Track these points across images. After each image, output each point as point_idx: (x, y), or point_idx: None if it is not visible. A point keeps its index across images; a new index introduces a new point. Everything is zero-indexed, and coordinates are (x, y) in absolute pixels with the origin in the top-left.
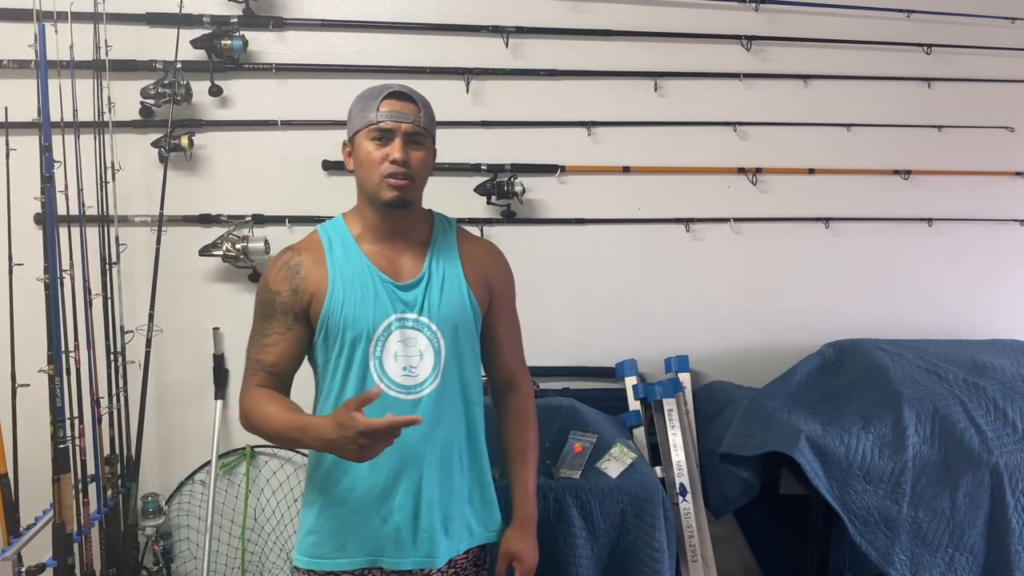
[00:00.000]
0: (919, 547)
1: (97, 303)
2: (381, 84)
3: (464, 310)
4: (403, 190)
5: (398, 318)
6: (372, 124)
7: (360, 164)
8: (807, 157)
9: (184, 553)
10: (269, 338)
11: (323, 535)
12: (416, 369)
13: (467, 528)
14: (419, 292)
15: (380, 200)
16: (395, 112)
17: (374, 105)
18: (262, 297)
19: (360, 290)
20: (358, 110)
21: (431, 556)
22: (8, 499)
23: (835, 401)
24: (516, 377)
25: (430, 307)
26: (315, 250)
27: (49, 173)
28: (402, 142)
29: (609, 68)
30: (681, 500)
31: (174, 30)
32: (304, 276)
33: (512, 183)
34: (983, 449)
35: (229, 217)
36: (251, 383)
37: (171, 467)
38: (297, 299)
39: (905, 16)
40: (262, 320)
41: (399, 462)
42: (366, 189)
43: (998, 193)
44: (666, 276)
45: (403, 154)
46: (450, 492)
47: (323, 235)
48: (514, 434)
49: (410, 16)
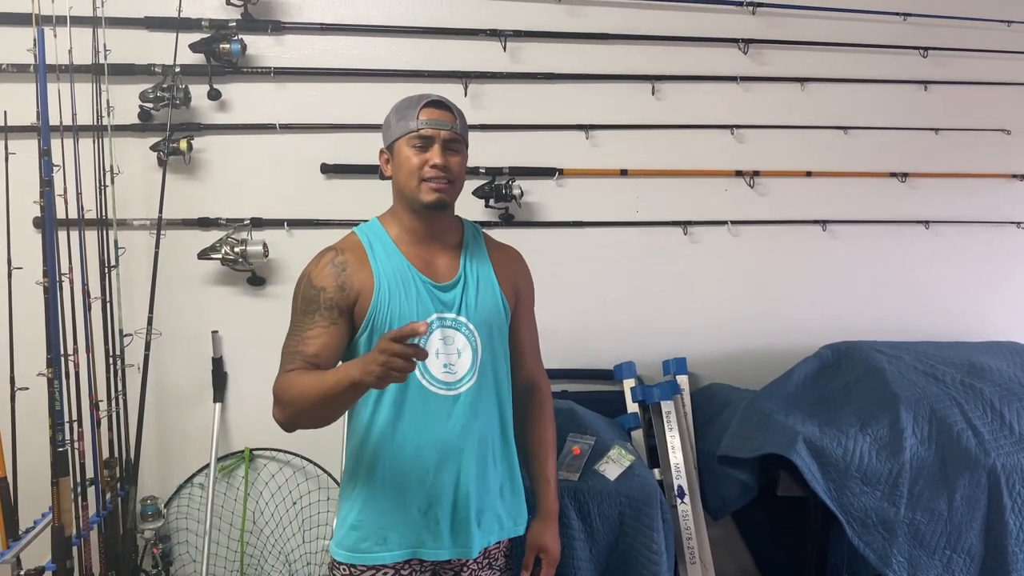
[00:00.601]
0: (917, 549)
1: (96, 306)
2: (419, 94)
3: (498, 311)
4: (444, 192)
5: (438, 317)
6: (413, 132)
7: (400, 170)
8: (804, 160)
9: (183, 556)
10: (311, 331)
11: (366, 529)
12: (455, 366)
13: (498, 521)
14: (457, 293)
15: (421, 203)
16: (434, 120)
17: (413, 114)
18: (306, 294)
19: (403, 289)
20: (396, 119)
21: (467, 547)
22: (7, 502)
23: (832, 403)
24: (536, 378)
25: (467, 307)
26: (357, 250)
27: (48, 177)
28: (441, 148)
29: (607, 71)
30: (679, 502)
31: (173, 34)
32: (350, 274)
33: (510, 186)
34: (980, 451)
35: (228, 220)
36: (286, 371)
37: (170, 470)
38: (343, 296)
39: (902, 19)
40: (303, 315)
41: (439, 455)
42: (406, 193)
43: (995, 195)
44: (664, 279)
45: (443, 159)
46: (485, 486)
47: (362, 237)
48: (536, 432)
49: (408, 20)
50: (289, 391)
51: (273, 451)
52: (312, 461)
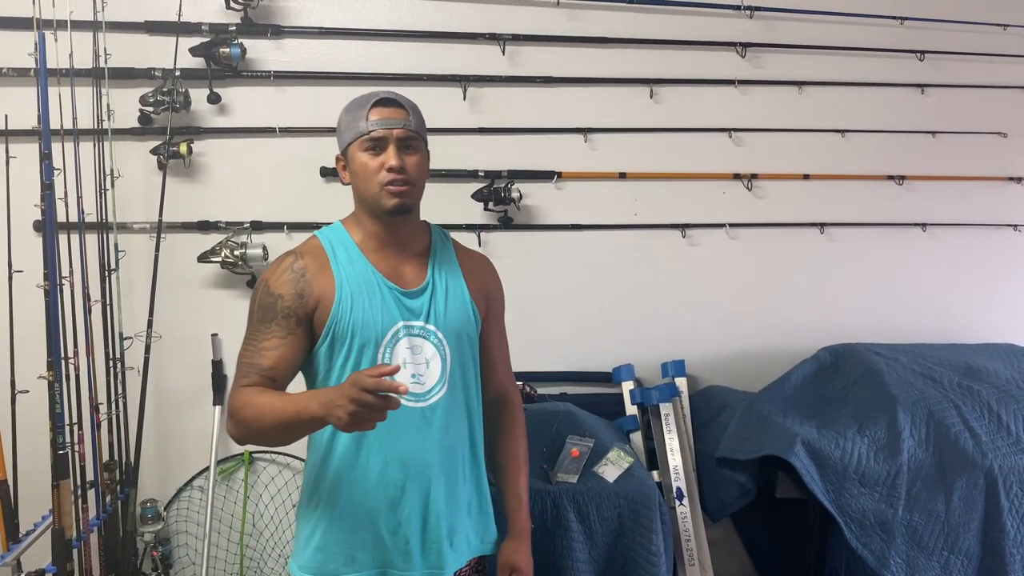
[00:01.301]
0: (915, 550)
1: (96, 310)
2: (367, 93)
3: (468, 319)
4: (404, 196)
5: (405, 325)
6: (364, 134)
7: (356, 176)
8: (802, 163)
9: (183, 559)
10: (268, 342)
11: (333, 550)
12: (424, 377)
13: (467, 540)
14: (424, 300)
15: (382, 209)
16: (385, 120)
17: (363, 115)
18: (262, 301)
19: (367, 296)
20: (347, 122)
21: (439, 567)
22: (7, 505)
23: (830, 405)
24: (507, 390)
25: (436, 315)
26: (318, 255)
27: (49, 180)
28: (396, 148)
29: (605, 75)
30: (678, 504)
31: (173, 38)
32: (310, 280)
33: (509, 189)
34: (977, 452)
35: (227, 224)
36: (240, 386)
37: (170, 473)
38: (302, 303)
39: (899, 23)
40: (259, 324)
41: (408, 470)
42: (366, 200)
43: (992, 198)
44: (662, 281)
45: (399, 160)
46: (455, 503)
47: (324, 241)
48: (507, 446)
49: (407, 24)
50: (245, 410)
51: (273, 454)
52: None
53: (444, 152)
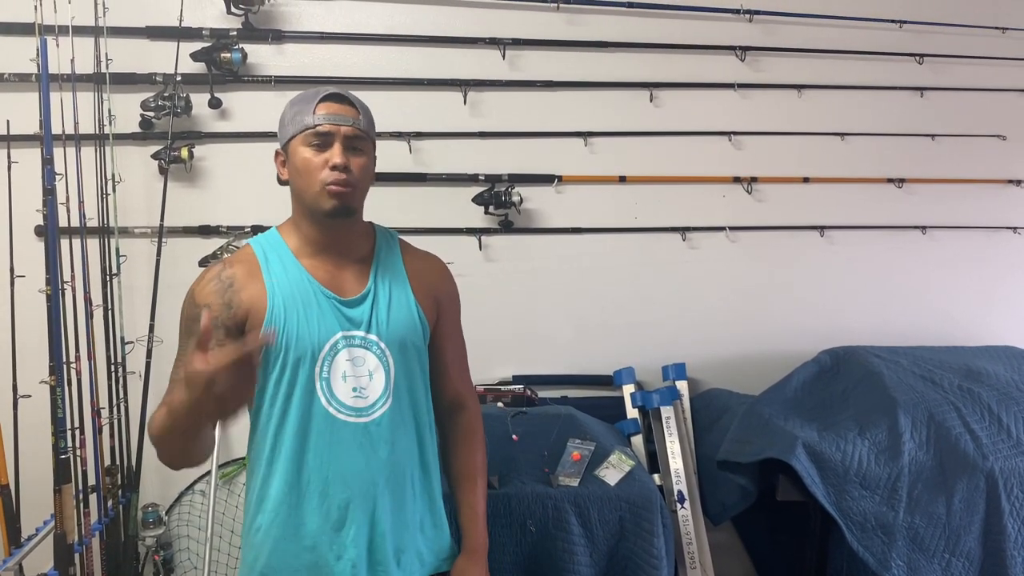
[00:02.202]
0: (916, 552)
1: (98, 314)
2: (315, 88)
3: (413, 327)
4: (344, 198)
5: (344, 336)
6: (309, 128)
7: (297, 172)
8: (802, 166)
9: (184, 563)
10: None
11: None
12: (366, 390)
13: (419, 558)
14: (365, 308)
15: (321, 210)
16: (333, 115)
17: (310, 108)
18: (188, 313)
19: (302, 306)
20: (292, 115)
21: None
22: (9, 509)
23: (831, 408)
24: (463, 397)
25: (378, 324)
26: (249, 263)
27: (51, 185)
28: (342, 147)
29: (605, 79)
30: (679, 507)
31: (174, 43)
32: (237, 290)
33: (510, 193)
34: (978, 455)
35: (229, 228)
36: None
37: (171, 477)
38: (230, 314)
39: (898, 26)
40: (185, 338)
41: (350, 490)
42: (305, 199)
43: (991, 201)
44: (663, 284)
45: (344, 159)
46: (403, 520)
47: (256, 248)
48: (462, 457)
49: (408, 28)
50: (150, 426)
51: None
52: None
53: (445, 156)
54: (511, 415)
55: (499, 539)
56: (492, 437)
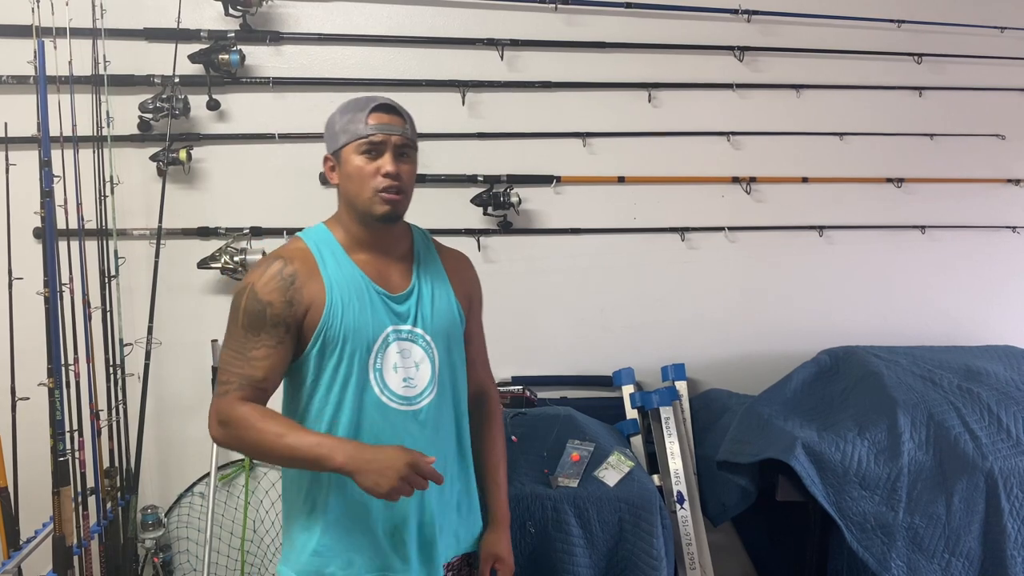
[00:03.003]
0: (916, 553)
1: (96, 316)
2: (364, 97)
3: (454, 321)
4: (397, 204)
5: (394, 329)
6: (362, 137)
7: (349, 178)
8: (800, 166)
9: (184, 565)
10: (257, 351)
11: (331, 555)
12: (414, 380)
13: (455, 538)
14: (412, 303)
15: (373, 215)
16: (384, 125)
17: (362, 118)
18: (250, 308)
19: (357, 301)
20: (344, 123)
21: (433, 566)
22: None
23: (830, 408)
24: (486, 387)
25: (423, 318)
26: (307, 259)
27: (49, 188)
28: (392, 155)
29: (603, 80)
30: (679, 508)
31: (172, 45)
32: (299, 287)
33: (508, 194)
34: (978, 454)
35: (227, 230)
36: (234, 398)
37: (170, 479)
38: (292, 311)
39: (896, 26)
40: (247, 332)
41: None
42: (357, 204)
43: (990, 200)
44: (662, 285)
45: (395, 167)
46: (444, 502)
47: (310, 244)
48: (486, 440)
49: (406, 29)
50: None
51: None
52: None
53: (443, 157)
54: (510, 416)
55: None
56: None
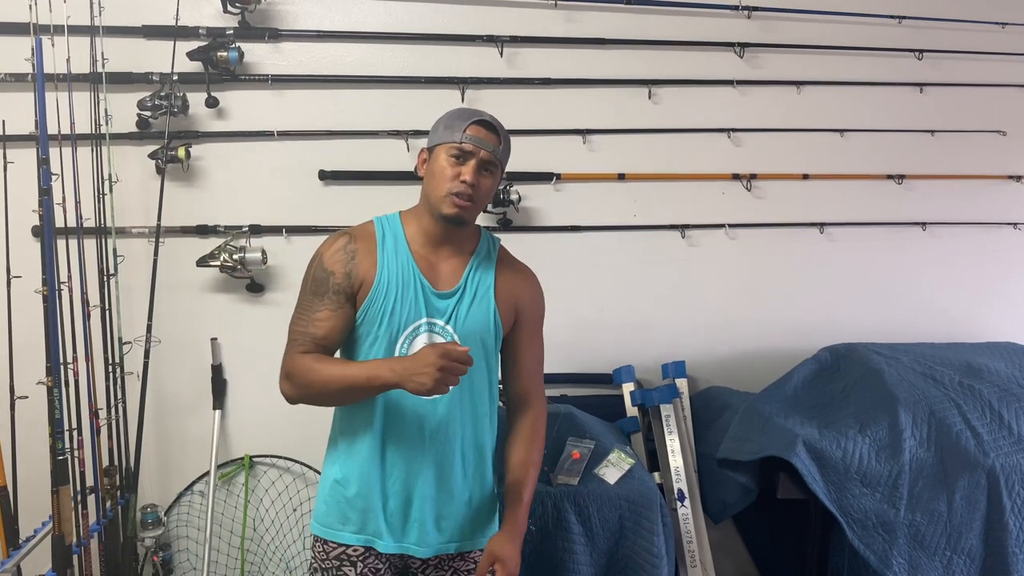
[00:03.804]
0: (917, 550)
1: (95, 315)
2: (473, 110)
3: (487, 326)
4: (464, 210)
5: (428, 322)
6: (455, 143)
7: (432, 174)
8: (801, 163)
9: (183, 564)
10: (320, 313)
11: (333, 506)
12: None
13: (462, 530)
14: (452, 303)
15: (441, 212)
16: (479, 138)
17: (461, 126)
18: (316, 275)
19: (401, 288)
20: (444, 126)
21: (418, 545)
22: (7, 511)
23: (831, 405)
24: (530, 396)
25: (456, 317)
26: (369, 239)
27: (47, 186)
28: (476, 166)
29: (603, 76)
30: (679, 505)
31: (170, 42)
32: (358, 263)
33: (508, 191)
34: (979, 452)
35: (226, 228)
36: (296, 352)
37: (170, 478)
38: (349, 283)
39: (897, 22)
40: (313, 296)
41: (399, 454)
42: (431, 198)
43: (991, 196)
44: (662, 282)
45: (474, 178)
46: (448, 492)
47: (378, 227)
48: (521, 448)
49: (405, 26)
50: (308, 375)
51: (273, 458)
52: (312, 467)
53: None
54: None
55: None
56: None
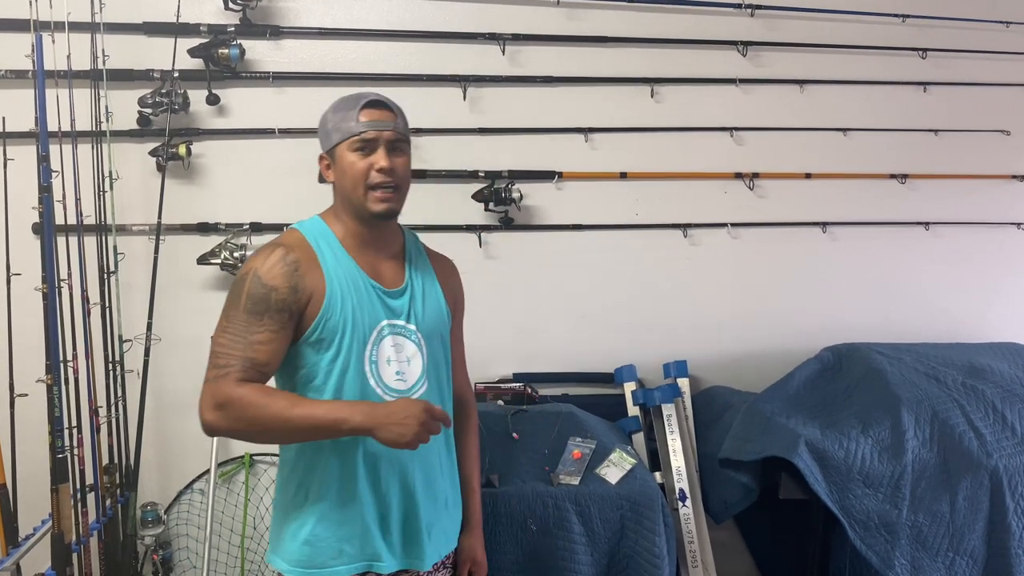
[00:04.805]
0: (919, 551)
1: (95, 312)
2: (354, 94)
3: (442, 320)
4: (393, 201)
5: (388, 323)
6: (355, 135)
7: (343, 176)
8: (804, 162)
9: (183, 562)
10: (260, 335)
11: (323, 544)
12: (406, 374)
13: (444, 534)
14: (405, 300)
15: (370, 211)
16: (376, 121)
17: (353, 115)
18: (252, 291)
19: (355, 293)
20: (335, 122)
21: (420, 559)
22: (7, 509)
23: (834, 405)
24: (463, 389)
25: (415, 314)
26: (305, 248)
27: (47, 183)
28: (386, 150)
29: (605, 75)
30: (681, 505)
31: (171, 39)
32: (303, 274)
33: (510, 189)
34: (982, 452)
35: (227, 225)
36: (233, 379)
37: (170, 476)
38: (296, 298)
39: (900, 21)
40: (249, 315)
41: (392, 466)
42: (352, 200)
43: (994, 196)
44: (664, 281)
45: (389, 162)
46: (432, 496)
47: (307, 235)
48: (463, 442)
49: (407, 24)
50: (252, 410)
51: (274, 456)
52: None
53: (444, 153)
54: (511, 413)
55: (499, 538)
56: (492, 435)
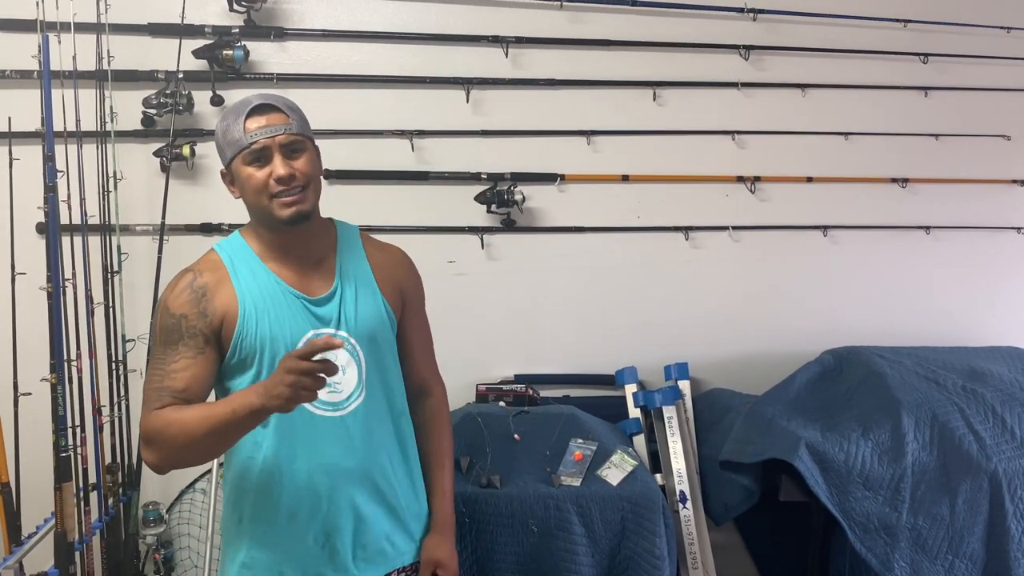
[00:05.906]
0: (919, 554)
1: (99, 312)
2: (240, 101)
3: (381, 320)
4: (301, 203)
5: (314, 334)
6: (245, 147)
7: (244, 190)
8: (805, 165)
9: (185, 562)
10: (176, 363)
11: (259, 567)
12: (340, 385)
13: (411, 538)
14: (333, 306)
15: (279, 219)
16: (264, 128)
17: (239, 127)
18: (164, 323)
19: (273, 308)
20: (224, 138)
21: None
22: (10, 508)
23: (834, 408)
24: (429, 383)
25: (346, 320)
26: (216, 269)
27: (52, 183)
28: (281, 156)
29: (608, 78)
30: (681, 507)
31: (176, 40)
32: (210, 298)
33: (512, 192)
34: (982, 456)
35: (230, 226)
36: (151, 410)
37: (172, 476)
38: (206, 322)
39: (902, 25)
40: (165, 348)
41: (332, 480)
42: (260, 212)
43: (995, 201)
44: (665, 284)
45: (286, 168)
46: (388, 506)
47: (222, 255)
48: (430, 440)
49: (411, 26)
50: (167, 430)
51: None
52: None
53: (447, 154)
54: (513, 414)
55: (500, 539)
56: (494, 436)
